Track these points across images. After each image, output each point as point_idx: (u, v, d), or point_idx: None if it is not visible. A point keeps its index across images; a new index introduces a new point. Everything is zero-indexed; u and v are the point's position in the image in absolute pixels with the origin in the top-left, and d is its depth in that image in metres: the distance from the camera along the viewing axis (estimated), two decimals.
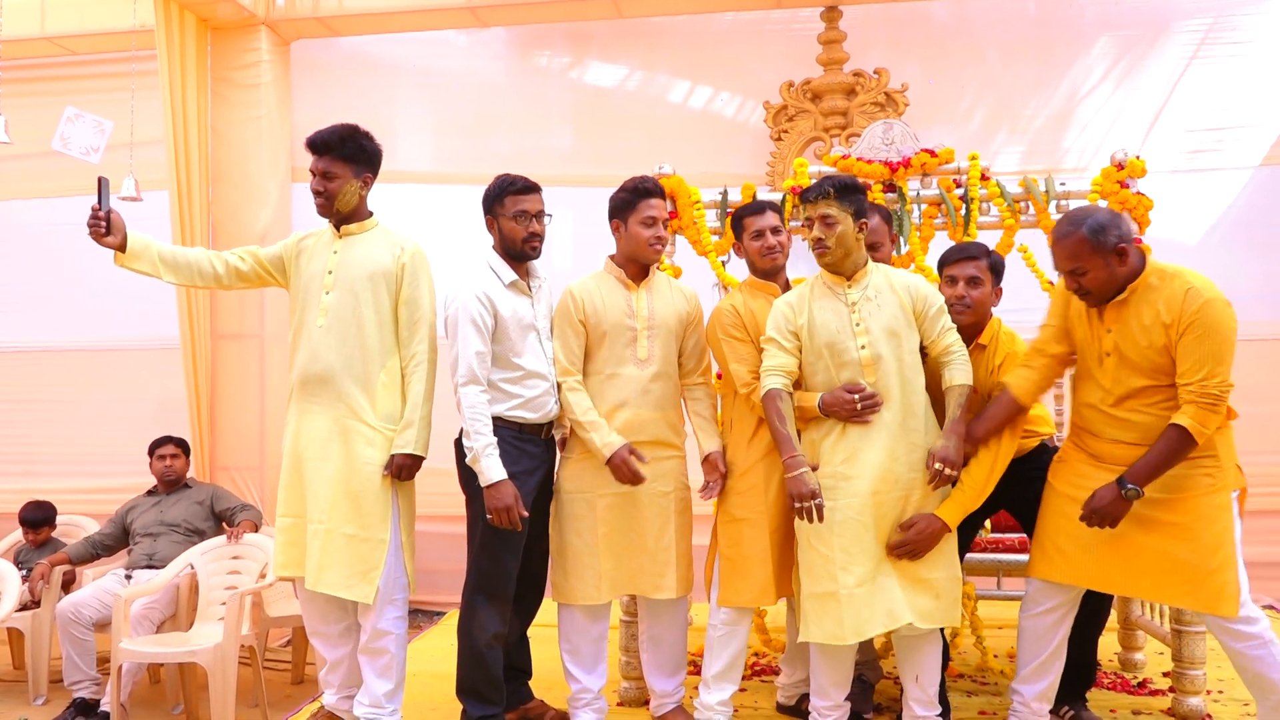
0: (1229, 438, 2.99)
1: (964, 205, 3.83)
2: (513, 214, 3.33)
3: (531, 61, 6.41)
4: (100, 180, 3.23)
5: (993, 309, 3.31)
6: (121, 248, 3.27)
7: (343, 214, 3.38)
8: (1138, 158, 3.75)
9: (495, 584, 3.30)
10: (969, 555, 3.78)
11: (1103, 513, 2.90)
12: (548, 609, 3.55)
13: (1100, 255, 2.83)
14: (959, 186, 3.86)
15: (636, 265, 3.38)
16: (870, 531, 3.00)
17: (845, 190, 3.03)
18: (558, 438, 3.47)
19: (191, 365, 5.76)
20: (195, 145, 5.83)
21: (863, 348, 3.03)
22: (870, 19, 5.99)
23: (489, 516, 3.17)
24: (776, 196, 3.92)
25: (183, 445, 5.11)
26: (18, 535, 5.29)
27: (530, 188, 3.36)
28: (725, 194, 3.93)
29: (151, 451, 5.05)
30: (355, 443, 3.27)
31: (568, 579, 3.36)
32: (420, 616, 6.10)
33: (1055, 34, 5.93)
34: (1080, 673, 3.36)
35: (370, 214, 3.44)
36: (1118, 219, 2.88)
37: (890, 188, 3.89)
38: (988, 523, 3.82)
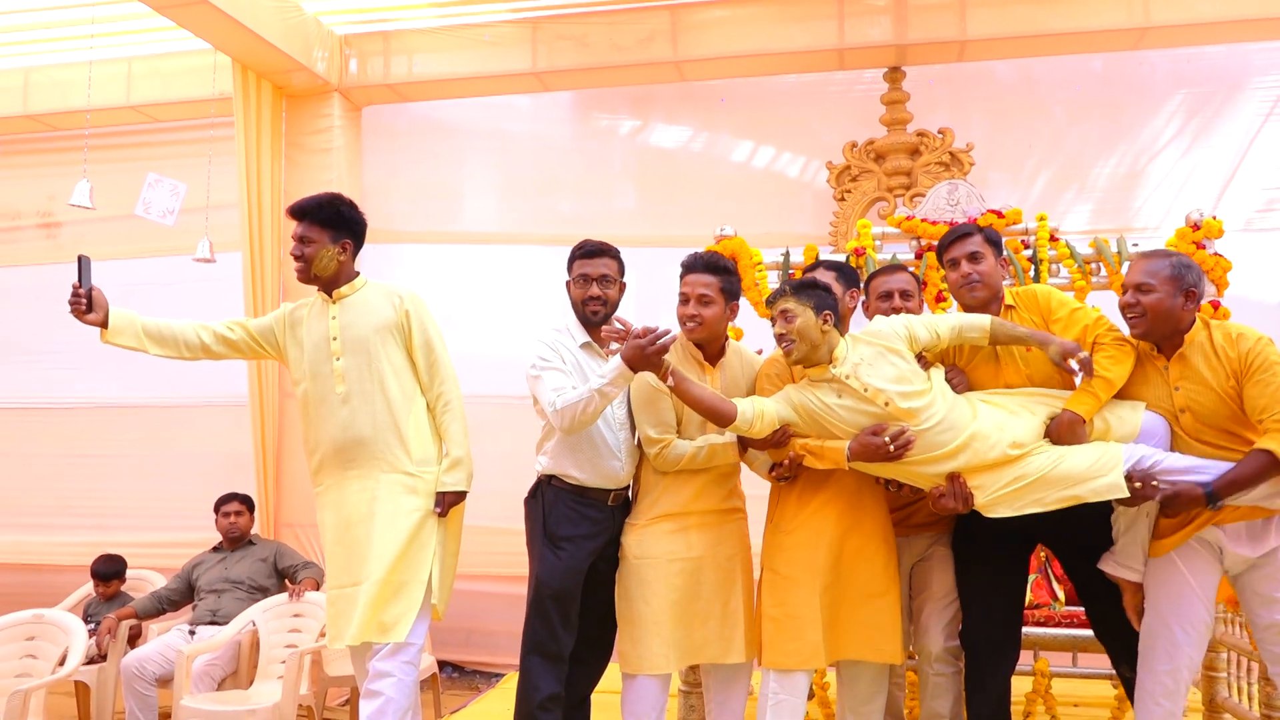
0: None
1: (1032, 266, 3.75)
2: (575, 277, 3.39)
3: (595, 124, 6.50)
4: (80, 259, 3.25)
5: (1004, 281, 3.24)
6: (104, 324, 3.29)
7: (322, 279, 3.40)
8: (1214, 218, 3.65)
9: (549, 646, 3.27)
10: (1043, 629, 3.64)
11: (1181, 507, 2.89)
12: (610, 675, 3.48)
13: (1173, 283, 2.91)
14: (1027, 247, 3.78)
15: (714, 344, 3.36)
16: None
17: (802, 288, 3.11)
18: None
19: (259, 422, 5.86)
20: (269, 208, 5.98)
21: (886, 404, 3.02)
22: (934, 79, 5.98)
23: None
24: (840, 258, 3.89)
25: (247, 502, 5.17)
26: (88, 588, 5.39)
27: (595, 252, 3.39)
28: (787, 255, 3.90)
29: (217, 508, 5.12)
30: (396, 494, 3.29)
31: (635, 647, 3.29)
32: (478, 678, 6.05)
33: (1124, 92, 5.86)
34: None
35: (357, 274, 3.47)
36: (1203, 275, 2.99)
37: None
38: (1062, 594, 3.68)
